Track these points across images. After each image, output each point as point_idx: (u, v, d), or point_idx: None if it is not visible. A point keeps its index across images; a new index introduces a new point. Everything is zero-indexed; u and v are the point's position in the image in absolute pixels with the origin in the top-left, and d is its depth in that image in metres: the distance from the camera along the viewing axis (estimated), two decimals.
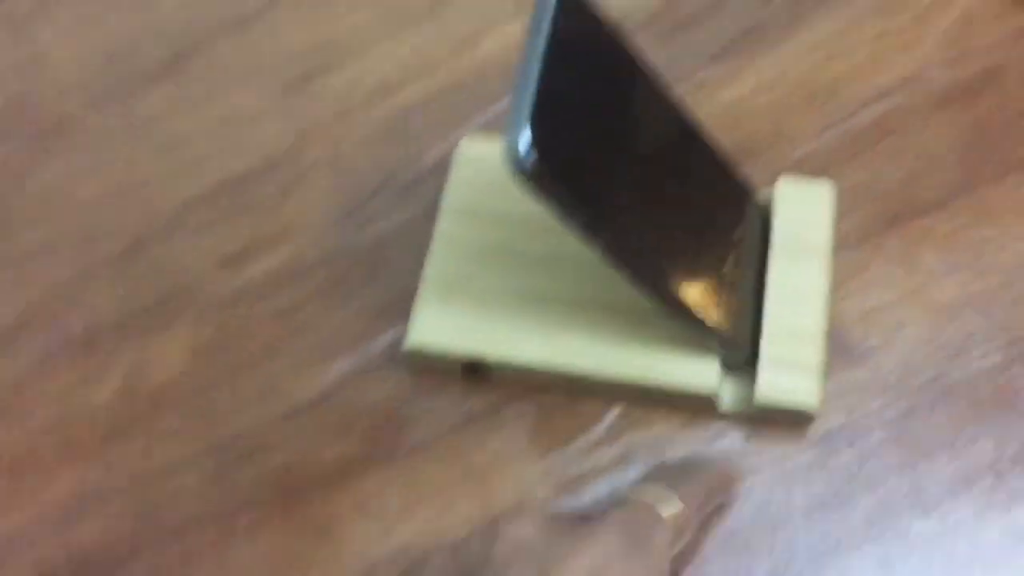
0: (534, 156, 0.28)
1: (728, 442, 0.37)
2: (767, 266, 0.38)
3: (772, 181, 0.39)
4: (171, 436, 0.39)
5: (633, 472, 0.37)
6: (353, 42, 0.46)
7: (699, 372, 0.36)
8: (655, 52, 0.43)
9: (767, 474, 0.36)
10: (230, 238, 0.42)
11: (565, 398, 0.38)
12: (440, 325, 0.38)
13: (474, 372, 0.38)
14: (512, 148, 0.29)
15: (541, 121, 0.29)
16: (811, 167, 0.41)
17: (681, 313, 0.34)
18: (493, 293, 0.38)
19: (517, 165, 0.29)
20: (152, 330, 0.41)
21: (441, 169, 0.42)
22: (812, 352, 0.36)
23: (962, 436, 0.36)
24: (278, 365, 0.40)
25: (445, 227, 0.40)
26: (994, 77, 0.43)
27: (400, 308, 0.40)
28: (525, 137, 0.28)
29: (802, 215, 0.39)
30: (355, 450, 0.38)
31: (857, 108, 0.43)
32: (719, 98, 0.43)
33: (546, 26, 0.30)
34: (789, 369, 0.36)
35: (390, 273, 0.41)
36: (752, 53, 0.44)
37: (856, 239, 0.40)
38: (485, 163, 0.41)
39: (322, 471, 0.38)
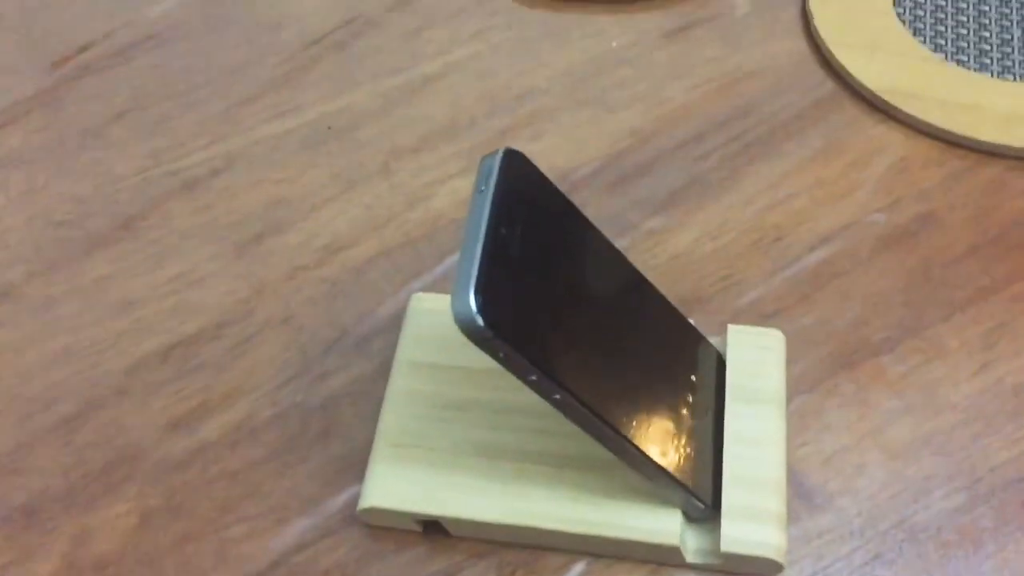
0: (482, 321, 0.28)
1: None
2: (724, 414, 0.38)
3: (723, 327, 0.40)
4: None
5: None
6: (305, 201, 0.47)
7: (662, 523, 0.35)
8: (600, 204, 0.45)
9: None
10: (180, 400, 0.42)
11: (529, 554, 0.37)
12: (394, 485, 0.37)
13: (434, 530, 0.37)
14: (460, 314, 0.29)
15: (488, 286, 0.29)
16: (761, 312, 0.42)
17: (643, 464, 0.34)
18: (449, 449, 0.37)
19: (466, 330, 0.29)
20: (98, 498, 0.39)
21: (395, 324, 0.42)
22: (774, 501, 0.36)
23: None
24: (230, 531, 0.38)
25: (398, 382, 0.39)
26: (932, 220, 0.44)
27: (356, 467, 0.39)
28: (472, 303, 0.28)
29: (755, 364, 0.39)
30: None
31: (802, 253, 0.44)
32: (666, 247, 0.44)
33: (490, 191, 0.30)
34: (752, 519, 0.35)
35: (345, 430, 0.40)
36: (696, 203, 0.45)
37: (809, 383, 0.40)
38: (437, 318, 0.41)
39: None
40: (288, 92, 0.51)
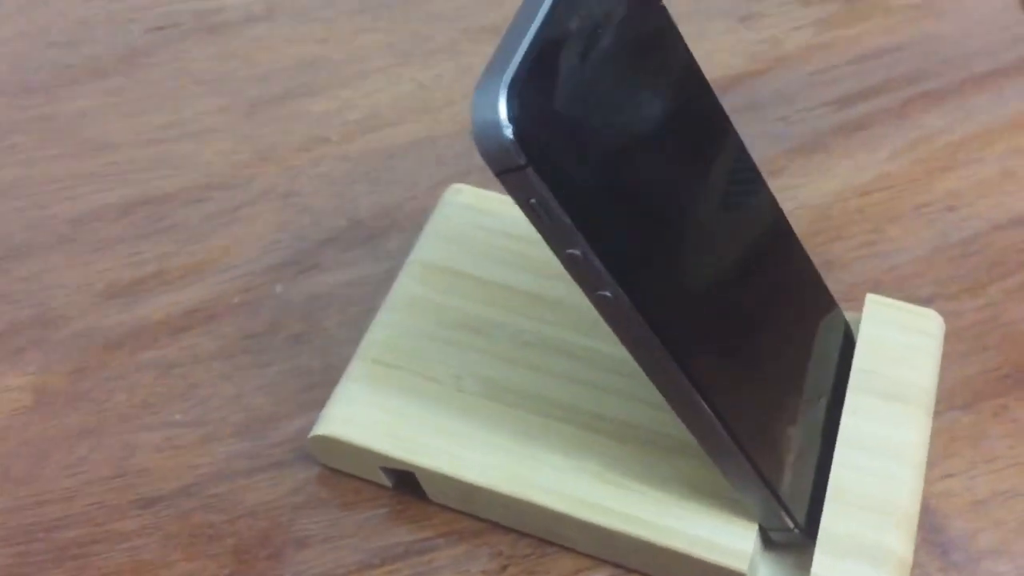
0: (510, 132, 0.18)
1: None
2: (842, 407, 0.26)
3: (852, 300, 0.28)
4: None
5: None
6: (349, 66, 0.37)
7: (728, 539, 0.24)
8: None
9: None
10: (129, 265, 0.32)
11: (532, 546, 0.26)
12: (363, 413, 0.26)
13: (407, 488, 0.27)
14: (481, 118, 0.18)
15: (532, 85, 0.18)
16: (912, 292, 0.30)
17: (720, 447, 0.23)
18: (447, 380, 0.27)
19: (485, 141, 0.18)
20: None
21: (420, 224, 0.32)
22: (895, 538, 0.24)
23: None
24: (142, 436, 0.29)
25: (404, 286, 0.29)
26: None
27: (326, 388, 0.29)
28: (502, 100, 0.18)
29: (898, 349, 0.27)
30: (216, 570, 0.26)
31: (982, 231, 0.32)
32: (798, 194, 0.33)
33: None
34: (858, 556, 0.24)
35: (325, 340, 0.30)
36: (843, 147, 0.34)
37: (967, 397, 0.29)
38: (476, 216, 0.30)
39: None
40: None
